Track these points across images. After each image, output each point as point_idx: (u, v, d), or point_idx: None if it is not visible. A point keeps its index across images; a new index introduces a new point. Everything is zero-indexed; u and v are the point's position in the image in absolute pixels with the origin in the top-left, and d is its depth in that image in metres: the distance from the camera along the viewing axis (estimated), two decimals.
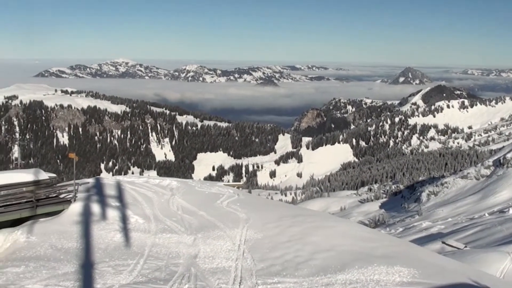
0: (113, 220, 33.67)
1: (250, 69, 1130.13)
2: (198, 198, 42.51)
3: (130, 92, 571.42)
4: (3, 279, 22.76)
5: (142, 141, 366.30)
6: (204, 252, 27.98)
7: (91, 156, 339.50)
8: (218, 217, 35.68)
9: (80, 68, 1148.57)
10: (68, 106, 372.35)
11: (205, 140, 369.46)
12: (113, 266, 24.92)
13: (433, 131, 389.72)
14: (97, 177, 52.07)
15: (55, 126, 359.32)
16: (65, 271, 24.02)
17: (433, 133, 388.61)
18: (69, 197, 37.34)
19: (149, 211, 37.19)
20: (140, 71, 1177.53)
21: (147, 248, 28.67)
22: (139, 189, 44.19)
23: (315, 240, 28.50)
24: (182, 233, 31.88)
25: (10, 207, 34.05)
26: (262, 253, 27.27)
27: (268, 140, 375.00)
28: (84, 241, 29.38)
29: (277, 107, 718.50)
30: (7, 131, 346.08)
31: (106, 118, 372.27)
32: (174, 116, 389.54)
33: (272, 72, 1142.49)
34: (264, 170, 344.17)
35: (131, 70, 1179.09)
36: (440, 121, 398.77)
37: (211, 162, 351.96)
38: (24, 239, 29.81)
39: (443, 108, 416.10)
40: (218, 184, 53.64)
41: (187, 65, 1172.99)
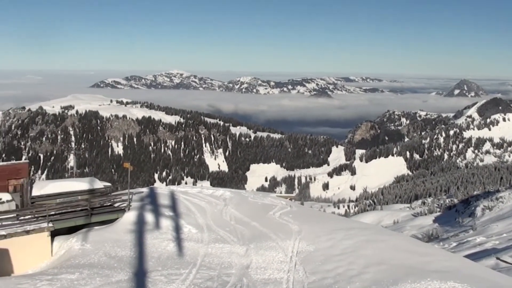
0: (166, 230, 33.93)
1: (304, 80, 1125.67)
2: (251, 208, 42.54)
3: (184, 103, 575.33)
4: (57, 285, 23.12)
5: (195, 151, 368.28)
6: (256, 263, 27.99)
7: (145, 166, 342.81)
8: (270, 228, 35.63)
9: (135, 79, 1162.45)
10: (123, 117, 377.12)
11: (258, 151, 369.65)
12: (166, 275, 25.11)
13: (488, 145, 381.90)
14: (151, 187, 52.53)
15: (110, 136, 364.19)
16: (119, 279, 24.29)
17: (489, 146, 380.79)
18: (123, 206, 37.76)
19: (202, 221, 37.36)
20: (195, 82, 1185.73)
21: (199, 257, 28.81)
22: (193, 199, 44.42)
23: (368, 253, 28.25)
24: (234, 243, 31.94)
25: (65, 214, 34.60)
26: (314, 265, 27.15)
27: (321, 152, 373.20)
28: (137, 249, 29.66)
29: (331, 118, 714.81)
30: (63, 140, 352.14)
31: (160, 129, 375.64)
32: (227, 127, 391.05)
33: (326, 83, 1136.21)
34: (317, 182, 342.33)
35: (186, 81, 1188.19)
36: (496, 134, 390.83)
37: (264, 173, 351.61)
38: (79, 246, 30.24)
39: (498, 121, 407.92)
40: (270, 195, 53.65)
41: (241, 77, 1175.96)
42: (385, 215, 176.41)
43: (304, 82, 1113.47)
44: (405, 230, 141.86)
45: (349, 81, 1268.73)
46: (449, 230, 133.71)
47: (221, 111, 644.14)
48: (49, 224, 31.80)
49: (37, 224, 31.93)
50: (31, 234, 30.77)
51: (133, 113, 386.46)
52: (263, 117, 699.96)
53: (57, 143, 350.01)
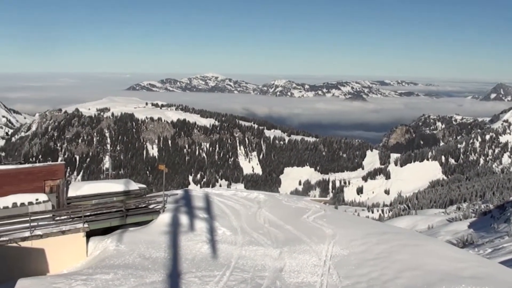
0: (200, 232, 34.04)
1: (339, 83, 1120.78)
2: (285, 212, 42.48)
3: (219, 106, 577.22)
4: (92, 285, 23.33)
5: (230, 154, 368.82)
6: (290, 266, 27.95)
7: (180, 168, 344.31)
8: (304, 231, 35.55)
9: (170, 82, 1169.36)
10: (158, 119, 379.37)
11: (292, 154, 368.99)
12: (200, 276, 25.18)
13: None
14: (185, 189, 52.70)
15: (145, 138, 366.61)
16: (153, 280, 24.44)
17: None
18: (158, 207, 37.96)
19: (236, 223, 37.40)
20: (229, 86, 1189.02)
21: (233, 260, 28.85)
22: (227, 202, 44.49)
23: (402, 258, 28.01)
24: (268, 246, 31.93)
25: (100, 215, 34.88)
26: (347, 269, 27.02)
27: (355, 155, 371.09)
28: (171, 251, 29.80)
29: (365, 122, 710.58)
30: (98, 142, 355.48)
31: (195, 131, 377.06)
32: (262, 130, 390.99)
33: (361, 87, 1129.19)
34: (351, 186, 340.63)
35: (221, 84, 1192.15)
36: None
37: (298, 177, 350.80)
38: (114, 247, 30.47)
39: None
40: (304, 199, 53.46)
41: (275, 80, 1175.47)
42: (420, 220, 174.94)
43: (339, 86, 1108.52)
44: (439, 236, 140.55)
45: (384, 84, 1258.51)
46: (484, 236, 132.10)
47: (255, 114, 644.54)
48: (84, 225, 32.11)
49: (72, 224, 32.26)
50: (67, 235, 31.08)
51: (168, 116, 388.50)
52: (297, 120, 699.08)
53: (93, 145, 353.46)
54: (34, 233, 30.09)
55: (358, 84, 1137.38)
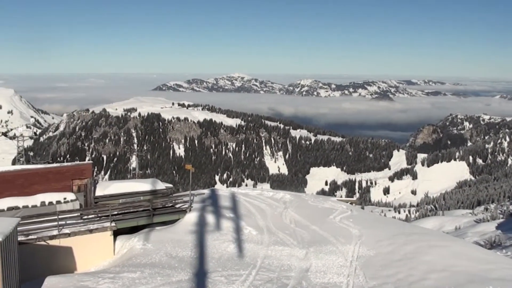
0: (227, 231, 34.10)
1: (365, 83, 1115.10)
2: (311, 212, 42.41)
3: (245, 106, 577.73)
4: (119, 283, 23.45)
5: (256, 154, 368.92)
6: (316, 267, 27.90)
7: (206, 168, 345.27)
8: (330, 232, 35.47)
9: (197, 82, 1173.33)
10: (185, 119, 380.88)
11: (319, 154, 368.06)
12: (226, 276, 25.22)
13: None
14: (212, 188, 52.86)
15: (171, 138, 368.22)
16: (179, 279, 24.52)
17: None
18: (184, 207, 38.09)
19: (262, 223, 37.41)
20: (256, 86, 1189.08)
21: (259, 259, 28.86)
22: (253, 201, 44.52)
23: (429, 259, 27.82)
24: (294, 246, 31.91)
25: (128, 214, 35.12)
26: (374, 270, 26.91)
27: (382, 155, 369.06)
28: (198, 250, 29.90)
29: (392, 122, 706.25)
30: (125, 142, 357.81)
31: (221, 131, 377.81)
32: (288, 130, 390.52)
33: (388, 86, 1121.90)
34: (377, 186, 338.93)
35: (247, 84, 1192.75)
36: None
37: (324, 177, 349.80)
38: (141, 246, 30.66)
39: None
40: (331, 199, 53.36)
41: (301, 80, 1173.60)
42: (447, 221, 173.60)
43: (365, 85, 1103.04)
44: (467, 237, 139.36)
45: (411, 84, 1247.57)
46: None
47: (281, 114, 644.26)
48: (112, 224, 32.33)
49: (100, 223, 32.51)
50: (94, 233, 31.32)
51: (195, 116, 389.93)
52: (323, 120, 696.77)
53: (120, 144, 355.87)
54: (62, 232, 30.35)
55: (384, 84, 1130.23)
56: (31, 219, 30.67)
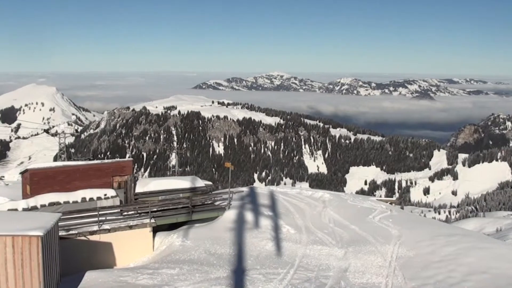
0: (265, 229, 34.15)
1: (406, 82, 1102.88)
2: (350, 211, 42.22)
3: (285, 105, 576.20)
4: (158, 279, 23.65)
5: (295, 152, 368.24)
6: (355, 267, 27.78)
7: (245, 166, 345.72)
8: (369, 232, 35.27)
9: (236, 80, 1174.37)
10: (224, 117, 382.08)
11: (358, 153, 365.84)
12: (264, 274, 25.24)
13: None
14: (251, 186, 52.98)
15: (211, 136, 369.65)
16: (217, 276, 24.63)
17: None
18: (223, 204, 38.24)
19: (301, 222, 37.37)
20: (295, 84, 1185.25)
21: (297, 258, 28.84)
22: (292, 200, 44.48)
23: (470, 261, 27.45)
24: (333, 246, 31.82)
25: (167, 211, 35.38)
26: (413, 271, 26.69)
27: (422, 155, 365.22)
28: (236, 247, 29.99)
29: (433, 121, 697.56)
30: (165, 139, 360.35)
31: (260, 130, 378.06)
32: (327, 129, 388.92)
33: (428, 85, 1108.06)
34: (417, 187, 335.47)
35: (286, 83, 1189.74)
36: None
37: (363, 176, 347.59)
38: (180, 242, 30.87)
39: None
40: (370, 199, 53.04)
41: (341, 78, 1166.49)
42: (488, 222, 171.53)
43: (406, 84, 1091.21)
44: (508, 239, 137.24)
45: (453, 83, 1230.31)
46: None
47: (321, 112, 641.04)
48: (151, 220, 32.60)
49: (139, 219, 32.81)
50: (134, 229, 31.63)
51: (234, 114, 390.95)
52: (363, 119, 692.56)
53: (160, 142, 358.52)
54: (102, 227, 30.71)
55: (425, 83, 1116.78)
56: (72, 215, 31.07)
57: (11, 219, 20.90)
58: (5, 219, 21.14)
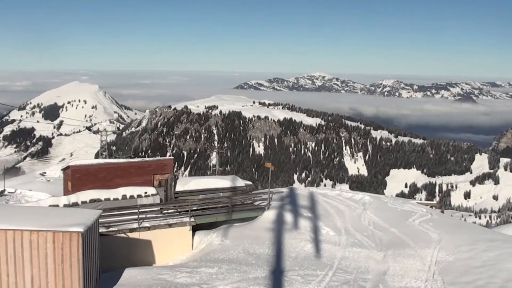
0: (304, 230, 34.11)
1: (448, 84, 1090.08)
2: (390, 214, 41.94)
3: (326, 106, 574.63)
4: (196, 278, 23.76)
5: (335, 154, 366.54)
6: (394, 270, 27.58)
7: (285, 166, 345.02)
8: (409, 235, 35.01)
9: (277, 81, 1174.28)
10: (265, 118, 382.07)
11: (399, 156, 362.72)
12: (302, 275, 25.20)
13: None
14: (290, 187, 52.97)
15: (251, 136, 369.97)
16: (256, 276, 24.65)
17: None
18: (263, 204, 38.26)
19: (340, 224, 37.26)
20: (336, 85, 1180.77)
21: (336, 260, 28.75)
22: (332, 202, 44.36)
23: (510, 267, 27.04)
24: (372, 249, 31.64)
25: (207, 210, 35.55)
26: (453, 276, 26.40)
27: (463, 159, 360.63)
28: (275, 248, 30.02)
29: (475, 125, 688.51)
30: (206, 139, 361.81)
31: (301, 130, 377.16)
32: (368, 130, 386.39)
33: (471, 88, 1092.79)
34: (458, 190, 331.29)
35: (327, 84, 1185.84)
36: None
37: (404, 179, 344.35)
38: (219, 242, 31.01)
39: None
40: (411, 202, 52.68)
41: (383, 80, 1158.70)
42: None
43: (448, 86, 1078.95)
44: None
45: (496, 86, 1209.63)
46: None
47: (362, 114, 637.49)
48: (191, 219, 32.78)
49: (179, 218, 33.04)
50: (174, 228, 31.86)
51: (275, 115, 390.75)
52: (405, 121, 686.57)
53: (201, 141, 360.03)
54: (142, 225, 31.00)
55: (468, 86, 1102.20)
56: (112, 212, 31.39)
57: (52, 215, 21.18)
58: (46, 214, 21.43)
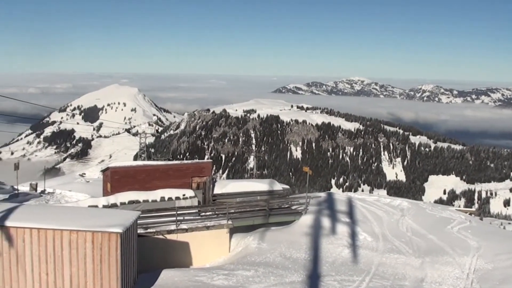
0: (342, 235, 34.02)
1: (489, 90, 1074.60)
2: (428, 221, 41.56)
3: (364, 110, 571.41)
4: (233, 280, 23.86)
5: (373, 159, 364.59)
6: (431, 277, 27.38)
7: (323, 171, 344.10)
8: (447, 242, 34.67)
9: (316, 85, 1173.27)
10: (303, 122, 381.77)
11: (438, 162, 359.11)
12: (339, 280, 25.14)
13: None
14: (328, 192, 52.92)
15: (289, 140, 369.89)
16: (292, 280, 24.68)
17: None
18: (300, 209, 38.29)
19: (378, 229, 37.06)
20: (375, 90, 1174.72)
21: (373, 266, 28.62)
22: (370, 207, 44.12)
23: None
24: (409, 255, 31.42)
25: (244, 213, 35.66)
26: (491, 284, 26.11)
27: (504, 166, 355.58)
28: (312, 253, 30.00)
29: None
30: (244, 142, 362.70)
31: (339, 135, 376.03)
32: (407, 136, 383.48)
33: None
34: (497, 198, 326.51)
35: (366, 88, 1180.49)
36: None
37: (442, 185, 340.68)
38: (256, 245, 31.08)
39: None
40: (449, 209, 52.20)
41: (422, 85, 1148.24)
42: None
43: (488, 92, 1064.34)
44: None
45: None
46: None
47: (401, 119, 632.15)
48: (228, 222, 32.94)
49: (217, 220, 33.24)
50: (211, 230, 32.06)
51: (313, 119, 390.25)
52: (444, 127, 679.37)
53: (239, 144, 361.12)
54: (179, 227, 31.24)
55: (509, 91, 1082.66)
56: (151, 213, 31.71)
57: (91, 216, 21.49)
58: (85, 215, 21.75)
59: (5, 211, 20.63)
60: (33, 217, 20.45)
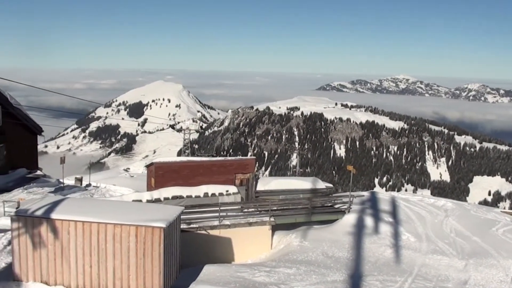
0: (384, 235, 33.79)
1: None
2: (473, 222, 40.99)
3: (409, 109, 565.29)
4: (274, 277, 23.90)
5: (418, 159, 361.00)
6: (475, 280, 27.05)
7: (366, 170, 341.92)
8: (492, 244, 34.18)
9: (360, 83, 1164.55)
10: (347, 120, 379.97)
11: (483, 162, 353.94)
12: (381, 280, 25.01)
13: None
14: (372, 191, 52.50)
15: (333, 138, 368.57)
16: (334, 279, 24.60)
17: None
18: (343, 207, 38.14)
19: (421, 230, 36.74)
20: (420, 88, 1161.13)
21: (416, 267, 28.39)
22: (413, 207, 43.72)
23: None
24: (453, 257, 31.08)
25: (287, 211, 35.68)
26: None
27: None
28: (354, 252, 29.87)
29: None
30: (287, 140, 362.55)
31: (383, 134, 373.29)
32: (452, 135, 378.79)
33: None
34: None
35: (411, 87, 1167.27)
36: None
37: (487, 186, 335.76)
38: (298, 243, 31.07)
39: None
40: (494, 210, 51.37)
41: (468, 84, 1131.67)
42: None
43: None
44: None
45: None
46: None
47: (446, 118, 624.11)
48: (271, 219, 32.97)
49: (259, 217, 33.27)
50: (253, 227, 32.11)
51: (357, 117, 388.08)
52: (490, 127, 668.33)
53: (282, 142, 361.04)
54: (222, 223, 31.39)
55: None
56: (194, 209, 31.92)
57: (135, 210, 21.71)
58: (129, 209, 21.99)
59: (50, 204, 20.96)
60: (78, 210, 20.75)
